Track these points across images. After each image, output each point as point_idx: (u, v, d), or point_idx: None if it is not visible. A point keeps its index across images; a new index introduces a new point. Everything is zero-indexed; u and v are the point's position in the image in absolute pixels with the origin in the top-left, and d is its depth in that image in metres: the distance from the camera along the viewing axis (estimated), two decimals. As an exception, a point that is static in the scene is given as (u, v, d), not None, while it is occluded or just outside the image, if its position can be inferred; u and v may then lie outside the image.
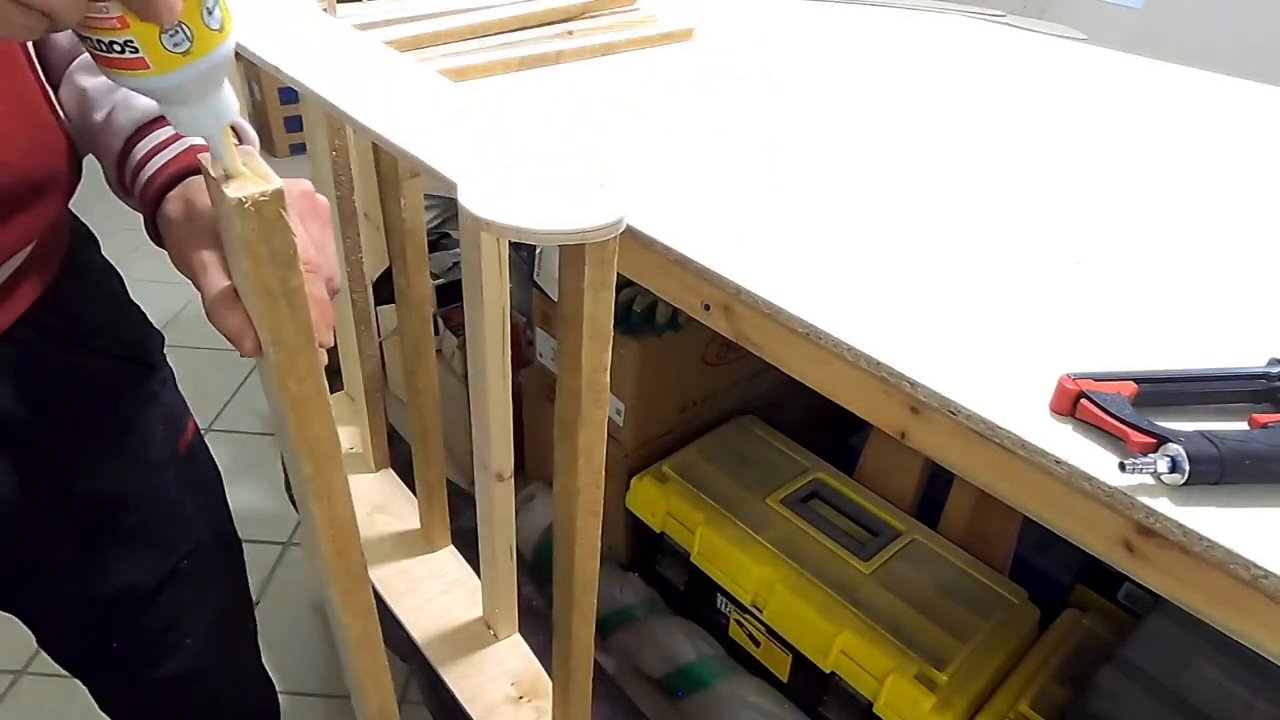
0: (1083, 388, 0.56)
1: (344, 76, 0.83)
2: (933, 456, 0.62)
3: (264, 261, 0.45)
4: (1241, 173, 1.00)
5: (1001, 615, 1.06)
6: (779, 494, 1.22)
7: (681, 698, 1.19)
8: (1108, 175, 0.97)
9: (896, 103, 1.15)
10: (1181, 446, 0.50)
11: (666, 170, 0.89)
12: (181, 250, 0.51)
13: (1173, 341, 0.66)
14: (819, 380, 0.68)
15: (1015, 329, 0.66)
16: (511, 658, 1.10)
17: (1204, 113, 1.19)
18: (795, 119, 1.06)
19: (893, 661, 0.99)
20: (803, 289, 0.69)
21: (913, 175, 0.93)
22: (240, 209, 0.42)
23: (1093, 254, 0.79)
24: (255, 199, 0.43)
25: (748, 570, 1.12)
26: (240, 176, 0.45)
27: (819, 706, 1.10)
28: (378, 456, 1.38)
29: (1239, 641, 0.49)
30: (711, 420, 1.36)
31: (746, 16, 1.49)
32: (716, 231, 0.78)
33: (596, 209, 0.57)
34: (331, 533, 0.59)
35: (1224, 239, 0.84)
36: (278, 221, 0.44)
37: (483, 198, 0.58)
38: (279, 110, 3.27)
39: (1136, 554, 0.52)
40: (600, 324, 0.59)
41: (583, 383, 0.58)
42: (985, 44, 1.45)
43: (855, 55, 1.35)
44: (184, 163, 0.54)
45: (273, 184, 0.44)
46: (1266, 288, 0.76)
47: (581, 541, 0.64)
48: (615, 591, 1.30)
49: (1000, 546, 1.14)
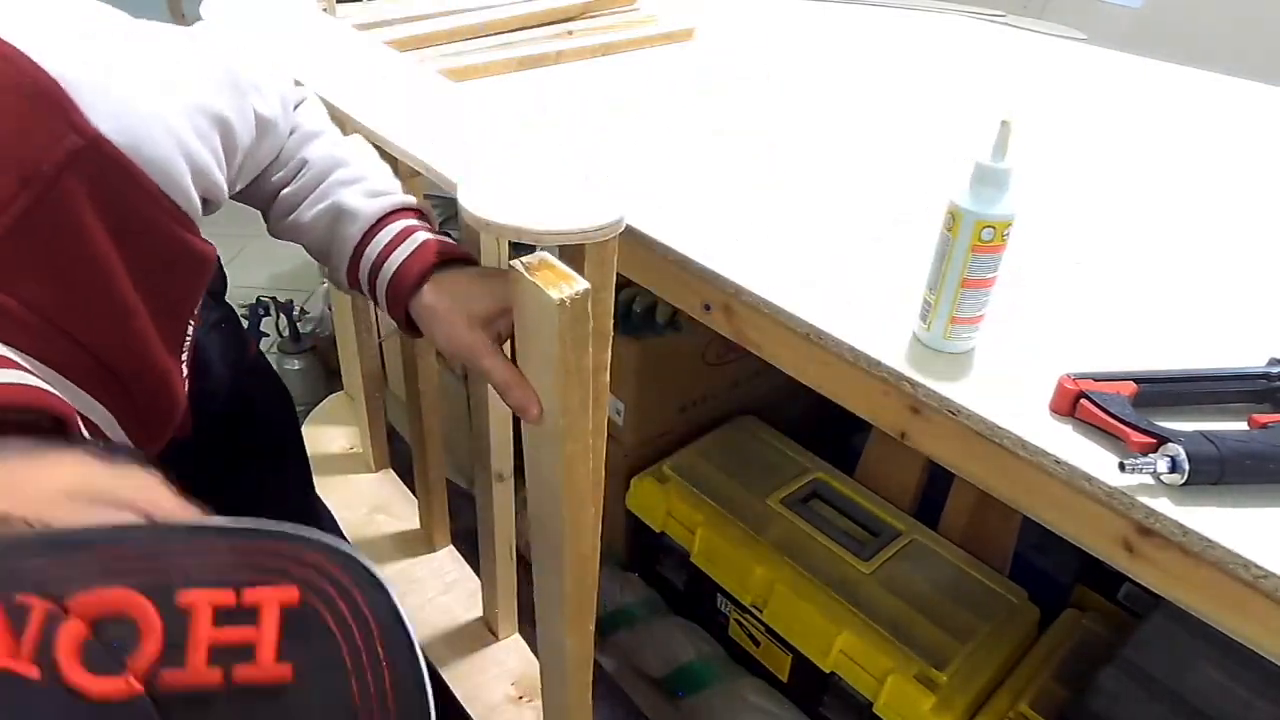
0: (1083, 388, 0.56)
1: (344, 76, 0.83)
2: (933, 456, 0.62)
3: (569, 346, 0.54)
4: (1240, 172, 1.00)
5: (1001, 615, 1.06)
6: (779, 494, 1.21)
7: (681, 698, 1.19)
8: (1107, 175, 0.97)
9: (896, 103, 1.15)
10: (1181, 446, 0.50)
11: (666, 170, 0.89)
12: (450, 335, 0.60)
13: (1173, 341, 0.66)
14: (819, 380, 0.68)
15: (1015, 329, 0.66)
16: (511, 658, 1.10)
17: (1203, 113, 1.19)
18: (795, 119, 1.06)
19: (893, 661, 0.99)
20: (803, 289, 0.69)
21: (912, 175, 0.93)
22: (560, 306, 0.52)
23: (1093, 254, 0.79)
24: (571, 298, 0.52)
25: (748, 570, 1.12)
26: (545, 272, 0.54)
27: (819, 706, 1.10)
28: (378, 456, 1.38)
29: (1239, 641, 0.49)
30: (711, 420, 1.36)
31: (746, 16, 1.49)
32: (716, 231, 0.78)
33: (595, 209, 0.57)
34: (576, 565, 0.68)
35: (1223, 239, 0.84)
36: (584, 315, 0.53)
37: (483, 198, 0.58)
38: (279, 110, 3.28)
39: (1136, 554, 0.52)
40: (600, 324, 0.59)
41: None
42: (985, 44, 1.45)
43: (855, 55, 1.35)
44: (427, 260, 0.62)
45: (580, 285, 0.53)
46: (1266, 288, 0.76)
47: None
48: (615, 591, 1.30)
49: (1000, 546, 1.13)
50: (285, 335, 1.84)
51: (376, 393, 1.30)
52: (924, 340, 0.63)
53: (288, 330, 1.84)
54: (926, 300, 0.62)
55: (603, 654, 1.26)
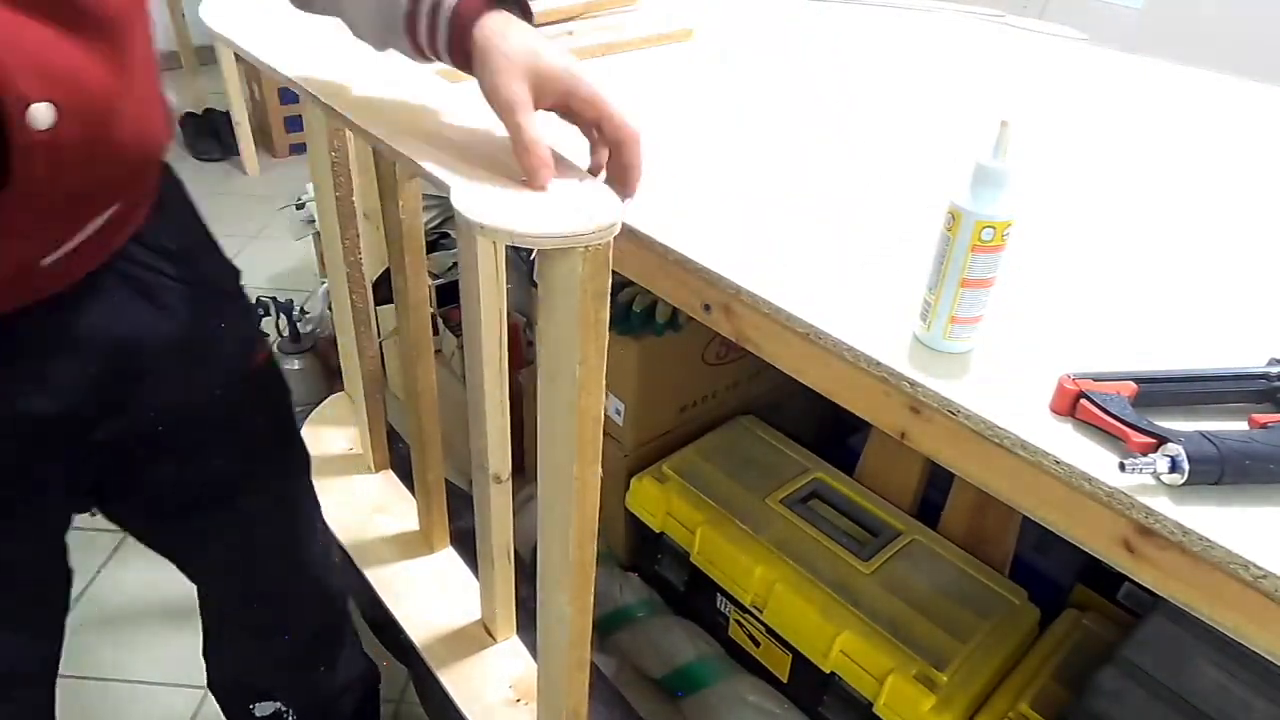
0: (1083, 388, 0.56)
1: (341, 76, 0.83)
2: (933, 456, 0.62)
3: (589, 297, 0.54)
4: (1241, 172, 1.00)
5: (1001, 615, 1.06)
6: (779, 494, 1.21)
7: (681, 698, 1.19)
8: (1107, 175, 0.97)
9: (896, 102, 1.15)
10: (1181, 446, 0.50)
11: (666, 170, 0.89)
12: (498, 80, 0.58)
13: (1173, 341, 0.66)
14: (819, 380, 0.68)
15: (1015, 329, 0.66)
16: (509, 660, 1.10)
17: (1204, 113, 1.19)
18: (795, 119, 1.06)
19: (893, 661, 0.98)
20: (803, 289, 0.69)
21: (911, 175, 0.93)
22: (583, 254, 0.52)
23: (1093, 254, 0.79)
24: (594, 246, 0.52)
25: (748, 570, 1.12)
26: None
27: (819, 706, 1.10)
28: (377, 457, 1.38)
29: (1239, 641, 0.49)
30: (711, 420, 1.36)
31: (746, 16, 1.49)
32: (716, 231, 0.78)
33: (591, 212, 0.56)
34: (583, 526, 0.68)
35: (1223, 239, 0.84)
36: (604, 265, 0.53)
37: (477, 201, 0.57)
38: (279, 110, 3.27)
39: (1136, 554, 0.52)
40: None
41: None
42: (985, 43, 1.45)
43: (855, 55, 1.35)
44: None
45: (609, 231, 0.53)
46: (1266, 288, 0.76)
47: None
48: (615, 591, 1.30)
49: (1000, 546, 1.13)
50: (285, 335, 1.85)
51: (376, 393, 1.29)
52: (924, 340, 0.63)
53: (288, 330, 1.84)
54: (926, 300, 0.62)
55: (602, 654, 1.26)
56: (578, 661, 0.79)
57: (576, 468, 0.64)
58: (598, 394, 0.62)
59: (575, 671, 0.79)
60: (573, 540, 0.69)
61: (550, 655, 0.81)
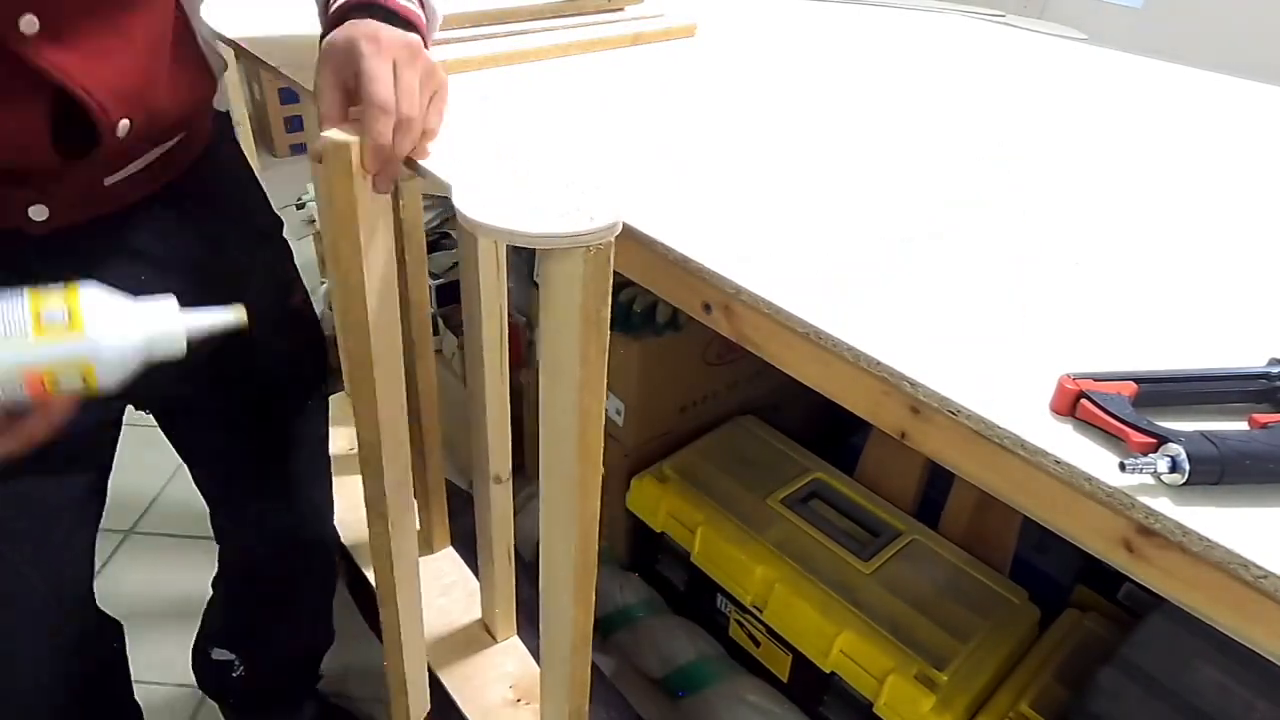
0: (1083, 388, 0.56)
1: (343, 77, 0.83)
2: (933, 456, 0.62)
3: (590, 294, 0.55)
4: (1241, 172, 1.00)
5: (1001, 615, 1.06)
6: (779, 494, 1.21)
7: (681, 698, 1.19)
8: (1107, 175, 0.97)
9: (896, 102, 1.15)
10: (1181, 446, 0.50)
11: (666, 169, 0.89)
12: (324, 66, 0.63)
13: (1173, 341, 0.66)
14: (819, 380, 0.68)
15: (1015, 329, 0.66)
16: (510, 660, 1.10)
17: (1204, 112, 1.19)
18: (795, 118, 1.06)
19: (893, 661, 0.98)
20: (803, 289, 0.69)
21: (912, 175, 0.93)
22: (584, 253, 0.54)
23: (1092, 254, 0.79)
24: (596, 246, 0.54)
25: (748, 570, 1.12)
26: None
27: (819, 706, 1.10)
28: (377, 457, 1.38)
29: (1239, 641, 0.49)
30: (711, 420, 1.36)
31: (749, 14, 1.49)
32: (716, 231, 0.78)
33: (592, 213, 0.56)
34: (585, 523, 0.68)
35: (1224, 239, 0.84)
36: (606, 265, 0.55)
37: (478, 201, 0.57)
38: (279, 110, 3.27)
39: (1136, 554, 0.52)
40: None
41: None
42: (985, 43, 1.45)
43: (855, 55, 1.35)
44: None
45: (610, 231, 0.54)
46: (1266, 288, 0.76)
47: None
48: (615, 591, 1.30)
49: (1000, 546, 1.13)
50: (285, 335, 1.84)
51: (376, 393, 1.29)
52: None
53: (287, 330, 1.83)
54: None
55: (603, 654, 1.26)
56: (581, 661, 0.79)
57: (578, 467, 0.64)
58: (599, 393, 0.62)
59: (578, 671, 0.79)
60: (575, 540, 0.69)
61: (553, 655, 0.81)
